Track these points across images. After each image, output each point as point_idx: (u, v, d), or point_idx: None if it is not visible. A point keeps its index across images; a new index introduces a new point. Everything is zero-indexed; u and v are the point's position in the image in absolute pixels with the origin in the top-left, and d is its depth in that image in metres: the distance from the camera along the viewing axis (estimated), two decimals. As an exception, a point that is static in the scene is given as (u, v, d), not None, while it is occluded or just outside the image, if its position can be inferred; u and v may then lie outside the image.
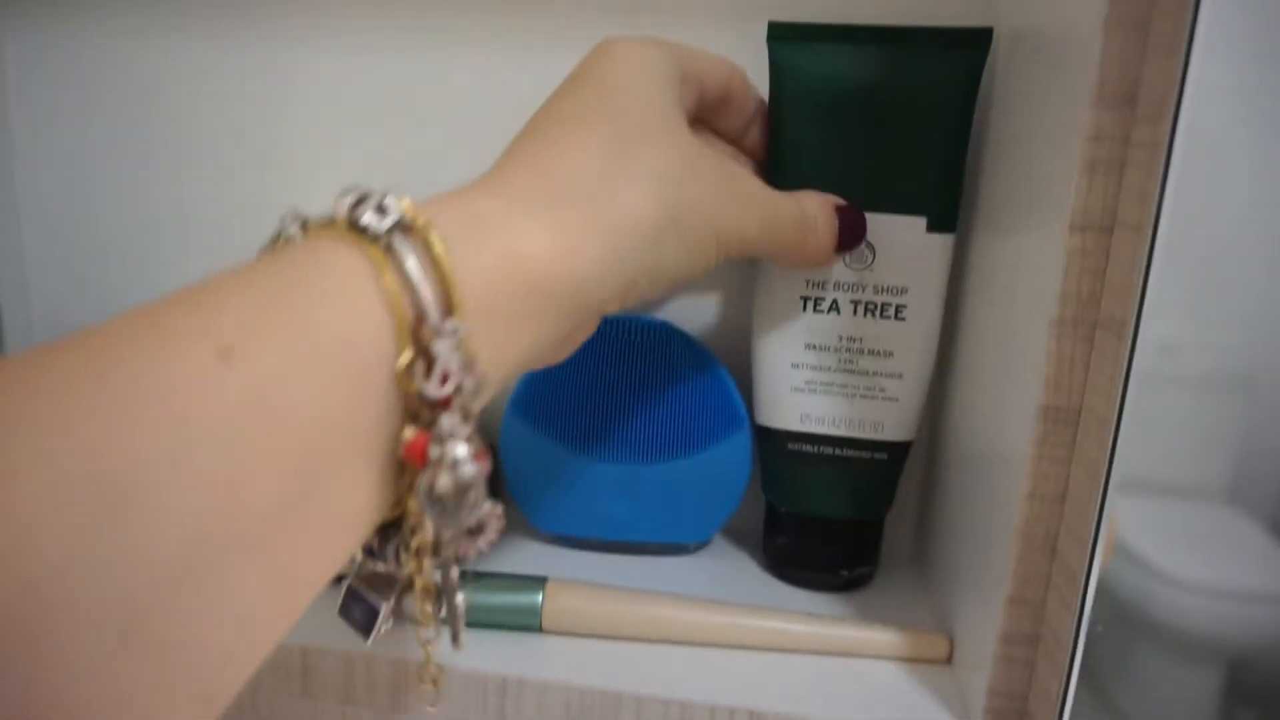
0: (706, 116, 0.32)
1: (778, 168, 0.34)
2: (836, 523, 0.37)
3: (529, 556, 0.40)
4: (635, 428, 0.38)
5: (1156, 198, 0.21)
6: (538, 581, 0.34)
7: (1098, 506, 0.24)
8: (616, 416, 0.38)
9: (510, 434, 0.38)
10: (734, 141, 0.34)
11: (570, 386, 0.38)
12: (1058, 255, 0.25)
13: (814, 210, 0.31)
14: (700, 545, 0.41)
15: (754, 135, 0.34)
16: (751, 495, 0.39)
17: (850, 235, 0.33)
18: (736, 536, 0.42)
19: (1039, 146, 0.28)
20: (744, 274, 0.40)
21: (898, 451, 0.36)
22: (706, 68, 0.29)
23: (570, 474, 0.38)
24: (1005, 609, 0.27)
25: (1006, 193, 0.31)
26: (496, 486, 0.40)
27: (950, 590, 0.35)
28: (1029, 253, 0.28)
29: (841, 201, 0.33)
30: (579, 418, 0.38)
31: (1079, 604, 0.24)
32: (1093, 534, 0.24)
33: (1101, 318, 0.24)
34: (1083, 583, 0.24)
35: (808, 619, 0.34)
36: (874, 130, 0.33)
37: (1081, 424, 0.25)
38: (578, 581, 0.35)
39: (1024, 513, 0.26)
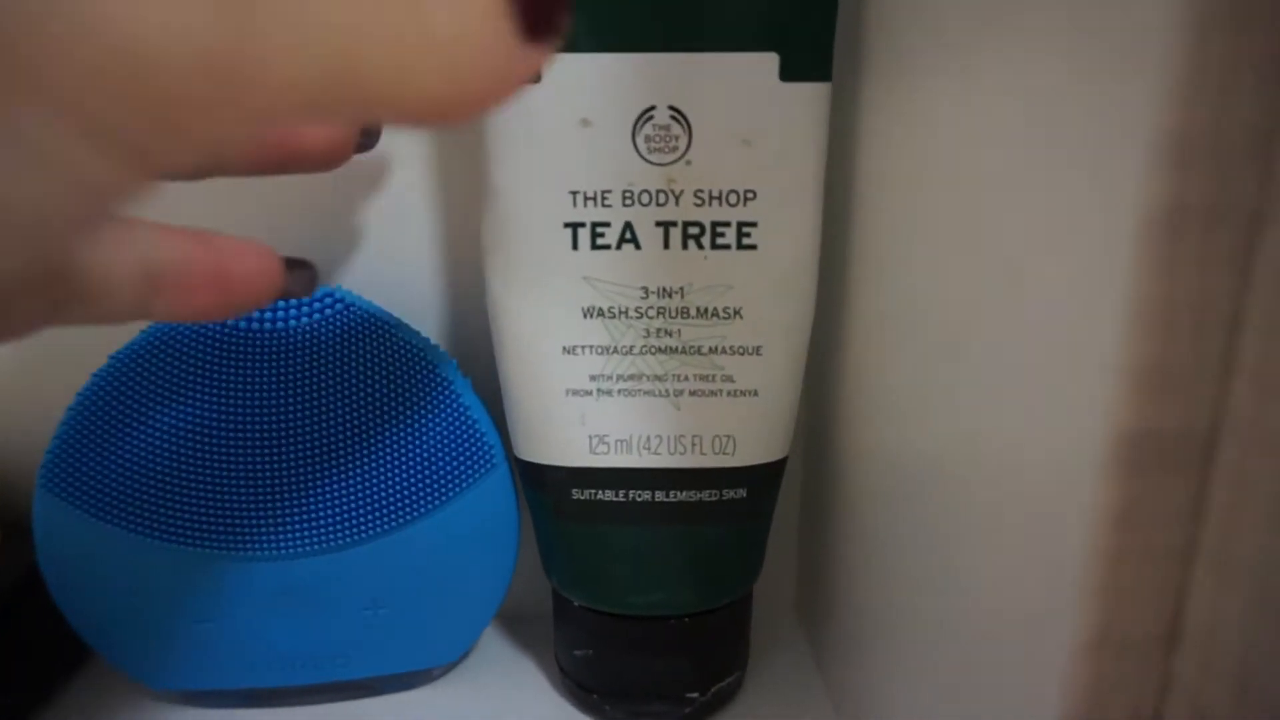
0: None
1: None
2: (671, 618, 0.21)
3: (138, 737, 0.22)
4: (292, 490, 0.20)
5: None
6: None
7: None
8: (255, 475, 0.20)
9: (55, 535, 0.20)
10: None
11: (148, 428, 0.20)
12: (1151, 49, 0.09)
13: None
14: (449, 667, 0.24)
15: None
16: (528, 571, 0.23)
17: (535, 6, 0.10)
18: (511, 642, 0.26)
19: None
20: (458, 185, 0.23)
21: (764, 481, 0.21)
22: None
23: (184, 590, 0.21)
24: None
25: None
26: (45, 623, 0.21)
27: (876, 685, 0.20)
28: (1034, 74, 0.13)
29: None
30: (181, 485, 0.20)
31: None
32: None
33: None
34: None
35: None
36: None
37: (1219, 464, 0.10)
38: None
39: (1078, 670, 0.11)
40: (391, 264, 0.23)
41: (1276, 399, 0.09)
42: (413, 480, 0.21)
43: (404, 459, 0.20)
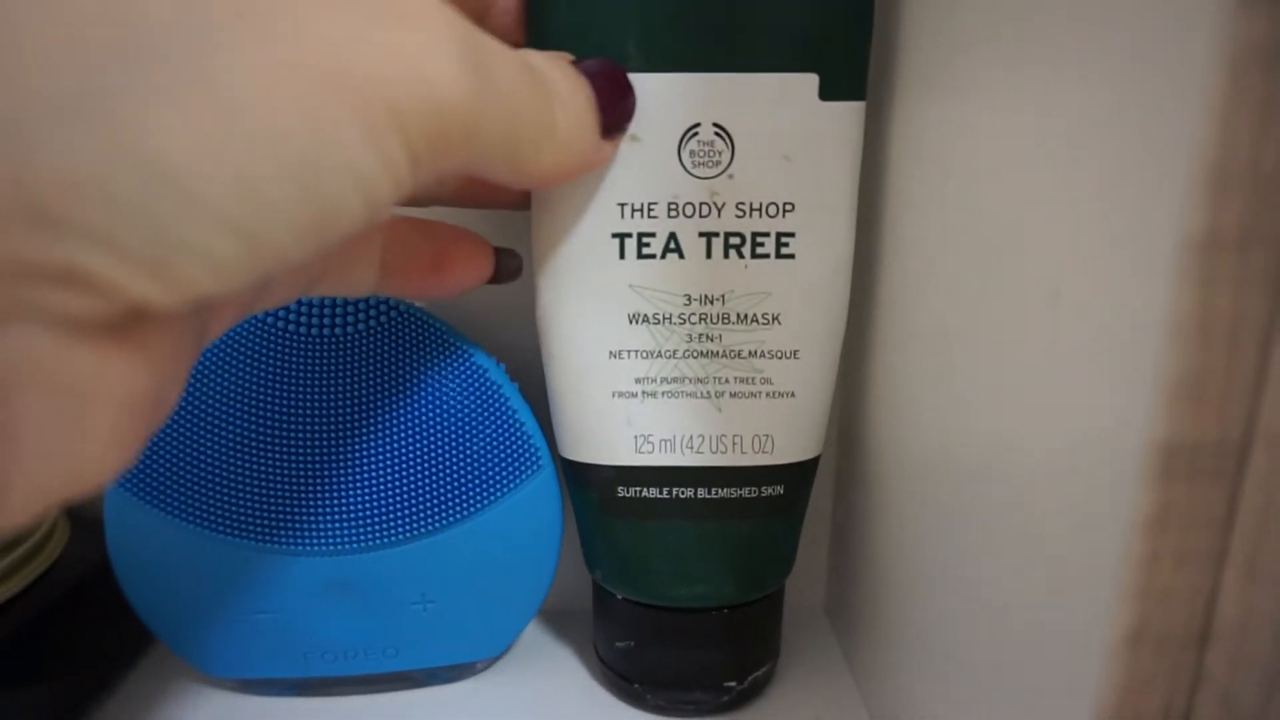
0: None
1: (541, 10, 0.19)
2: (711, 610, 0.22)
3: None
4: (347, 488, 0.21)
5: None
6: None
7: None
8: (312, 473, 0.21)
9: (125, 528, 0.21)
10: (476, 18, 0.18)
11: (215, 428, 0.21)
12: (1190, 84, 0.10)
13: (544, 67, 0.16)
14: (492, 661, 0.25)
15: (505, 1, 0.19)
16: (569, 568, 0.24)
17: (613, 105, 0.17)
18: (553, 636, 0.27)
19: None
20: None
21: (799, 478, 0.22)
22: None
23: (244, 582, 0.22)
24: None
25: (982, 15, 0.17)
26: (111, 612, 0.22)
27: (906, 683, 0.20)
28: (1069, 95, 0.13)
29: (567, 56, 0.17)
30: (244, 481, 0.21)
31: None
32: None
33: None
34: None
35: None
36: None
37: (1250, 474, 0.11)
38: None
39: (1116, 666, 0.12)
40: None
41: (1306, 413, 0.10)
42: (462, 481, 0.21)
43: (454, 461, 0.21)
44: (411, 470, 0.21)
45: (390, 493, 0.21)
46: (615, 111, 0.17)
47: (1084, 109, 0.12)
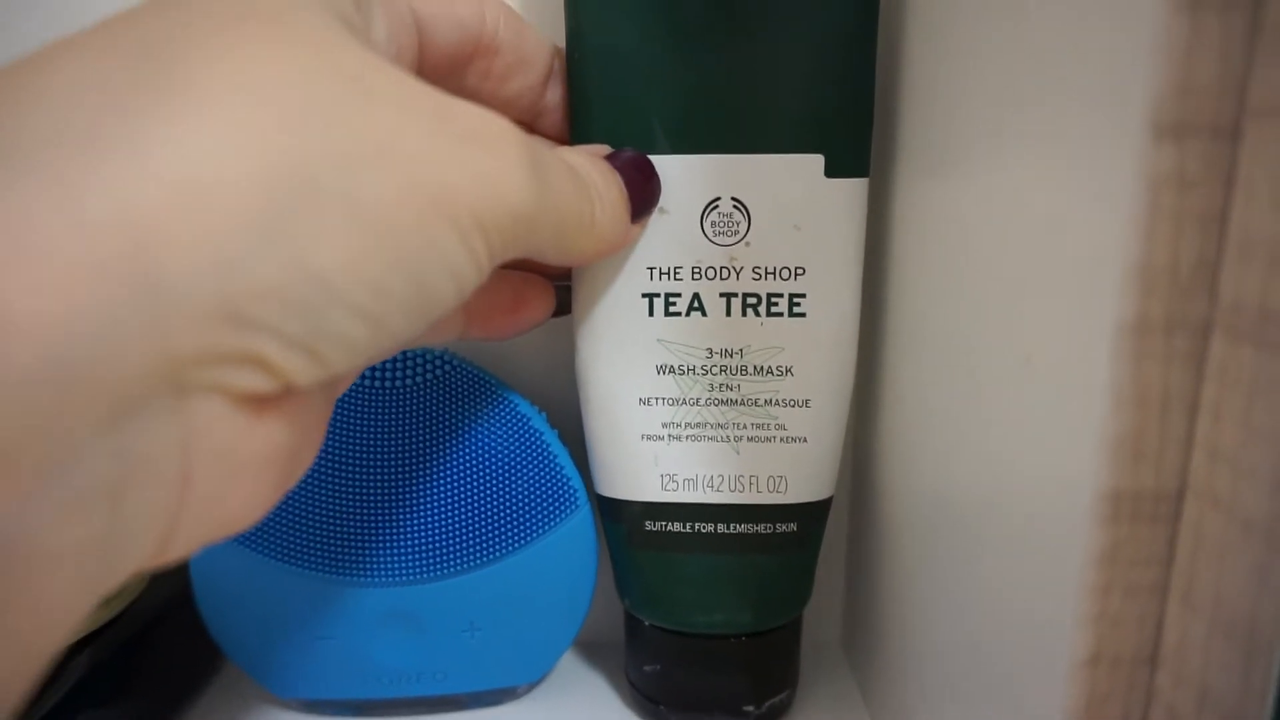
0: (457, 77, 0.19)
1: (582, 106, 0.21)
2: (731, 637, 0.24)
3: (265, 738, 0.25)
4: (404, 525, 0.24)
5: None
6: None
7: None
8: (374, 511, 0.24)
9: (207, 560, 0.24)
10: (523, 121, 0.21)
11: (293, 469, 0.23)
12: (1123, 191, 0.12)
13: (585, 166, 0.18)
14: (532, 686, 0.27)
15: (553, 103, 0.22)
16: (603, 602, 0.26)
17: (641, 192, 0.20)
18: (587, 664, 0.29)
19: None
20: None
21: (812, 517, 0.24)
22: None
23: (311, 610, 0.24)
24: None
25: (970, 96, 0.19)
26: (190, 636, 0.25)
27: (914, 715, 0.22)
28: (1037, 193, 0.16)
29: (604, 148, 0.21)
30: (313, 519, 0.23)
31: None
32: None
33: (1223, 312, 0.12)
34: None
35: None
36: (726, 34, 0.21)
37: (1185, 518, 0.13)
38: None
39: (1078, 683, 0.14)
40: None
41: (1223, 467, 0.12)
42: (507, 520, 0.24)
43: (500, 501, 0.24)
44: (462, 509, 0.24)
45: (443, 530, 0.24)
46: (642, 197, 0.20)
47: (1049, 207, 0.15)
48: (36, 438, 0.09)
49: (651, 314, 0.22)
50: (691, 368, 0.23)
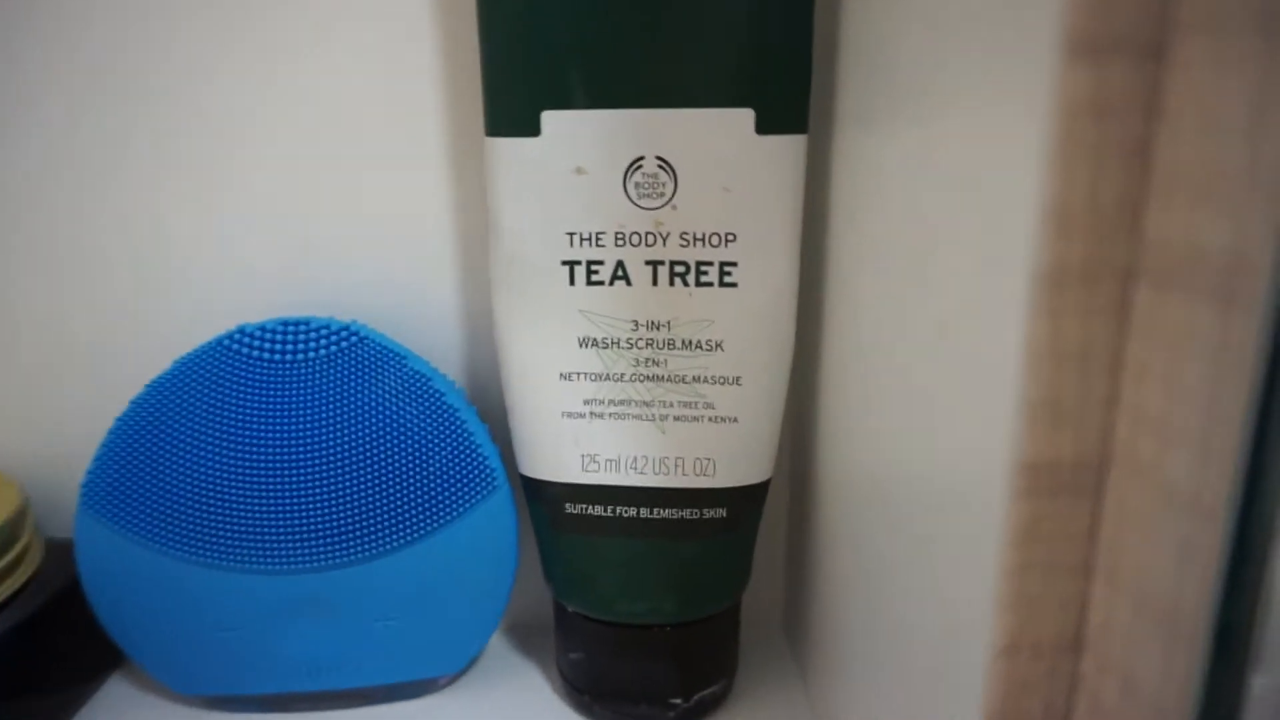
0: None
1: (495, 58, 0.20)
2: (656, 626, 0.23)
3: (166, 734, 0.24)
4: (309, 509, 0.22)
5: None
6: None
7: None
8: (274, 494, 0.22)
9: (94, 550, 0.22)
10: None
11: (179, 452, 0.22)
12: (1032, 133, 0.11)
13: None
14: (454, 677, 0.26)
15: None
16: (538, 584, 0.25)
17: None
18: (521, 651, 0.27)
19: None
20: (467, 227, 0.25)
21: (744, 501, 0.22)
22: None
23: (209, 601, 0.22)
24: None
25: (906, 35, 0.18)
26: (83, 630, 0.23)
27: (849, 697, 0.21)
28: (954, 140, 0.14)
29: None
30: (206, 504, 0.22)
31: None
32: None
33: (1149, 256, 0.11)
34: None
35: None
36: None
37: (1110, 490, 0.12)
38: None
39: (996, 673, 0.13)
40: (409, 301, 0.25)
41: (1146, 433, 0.11)
42: (421, 501, 0.22)
43: (413, 481, 0.22)
44: (370, 490, 0.22)
45: (350, 512, 0.22)
46: None
47: (964, 158, 0.13)
48: None
49: (573, 283, 0.21)
50: (615, 341, 0.21)
